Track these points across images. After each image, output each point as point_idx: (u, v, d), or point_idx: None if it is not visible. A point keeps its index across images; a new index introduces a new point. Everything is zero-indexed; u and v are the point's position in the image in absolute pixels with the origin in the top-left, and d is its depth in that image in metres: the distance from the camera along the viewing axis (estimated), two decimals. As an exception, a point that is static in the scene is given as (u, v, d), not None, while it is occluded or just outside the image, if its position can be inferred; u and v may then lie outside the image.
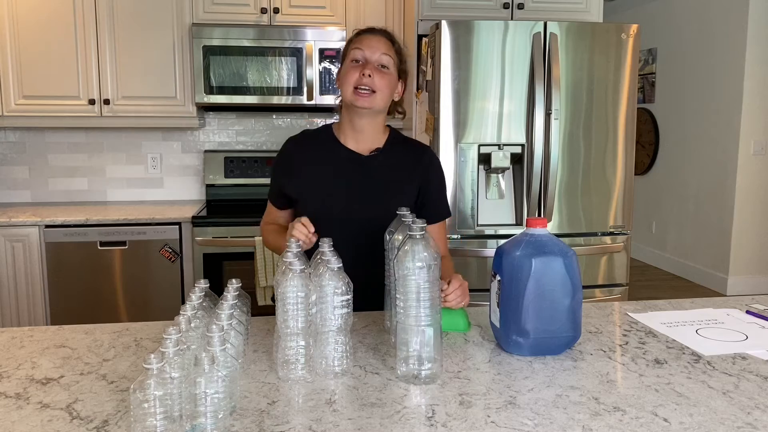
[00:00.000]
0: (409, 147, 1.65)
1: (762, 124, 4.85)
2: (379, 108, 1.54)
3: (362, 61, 1.52)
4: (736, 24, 4.83)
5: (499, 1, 3.05)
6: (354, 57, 1.53)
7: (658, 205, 5.89)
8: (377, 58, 1.52)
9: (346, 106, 1.56)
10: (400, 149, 1.62)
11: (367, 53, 1.52)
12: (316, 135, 1.66)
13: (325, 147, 1.62)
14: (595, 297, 2.92)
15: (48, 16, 3.07)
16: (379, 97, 1.51)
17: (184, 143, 3.57)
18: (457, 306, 1.33)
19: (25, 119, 3.13)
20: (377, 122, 1.59)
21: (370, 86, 1.49)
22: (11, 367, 1.17)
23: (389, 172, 1.59)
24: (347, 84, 1.51)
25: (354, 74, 1.50)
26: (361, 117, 1.55)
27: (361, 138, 1.59)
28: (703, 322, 1.42)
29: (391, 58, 1.54)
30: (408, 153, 1.63)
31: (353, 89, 1.50)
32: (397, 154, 1.61)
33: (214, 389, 0.90)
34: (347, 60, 1.55)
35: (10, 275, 2.90)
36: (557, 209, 2.87)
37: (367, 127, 1.58)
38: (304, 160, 1.61)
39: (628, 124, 2.90)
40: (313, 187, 1.58)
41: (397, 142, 1.64)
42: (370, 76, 1.49)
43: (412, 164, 1.61)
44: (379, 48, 1.52)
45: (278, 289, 1.09)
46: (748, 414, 0.97)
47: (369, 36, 1.55)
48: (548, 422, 0.94)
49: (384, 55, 1.52)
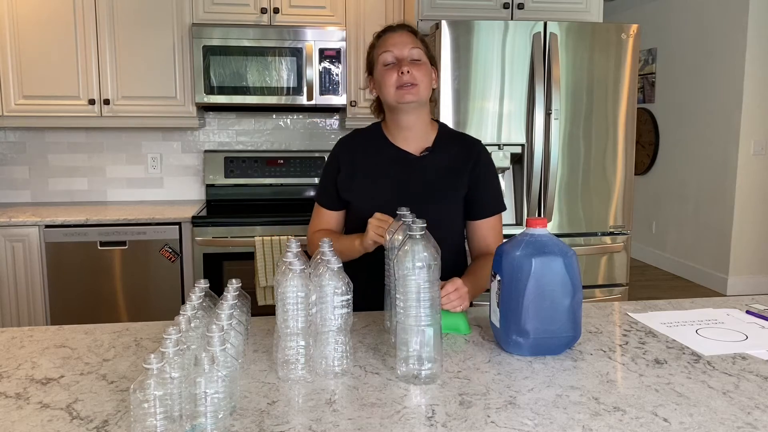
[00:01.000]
0: (458, 142, 1.64)
1: (762, 124, 4.85)
2: (424, 99, 1.54)
3: (395, 61, 1.52)
4: (736, 24, 4.83)
5: (499, 1, 3.05)
6: (385, 60, 1.53)
7: (658, 205, 5.89)
8: (408, 53, 1.52)
9: (390, 108, 1.57)
10: (450, 145, 1.62)
11: (397, 52, 1.52)
12: (367, 134, 1.66)
13: (375, 146, 1.62)
14: (595, 297, 2.92)
15: (48, 16, 3.07)
16: (422, 88, 1.52)
17: (184, 143, 3.57)
18: (454, 309, 1.33)
19: (25, 119, 3.13)
20: (423, 116, 1.59)
21: (411, 81, 1.50)
22: (11, 367, 1.17)
23: (440, 171, 1.58)
24: (388, 86, 1.52)
25: (392, 75, 1.51)
26: (408, 113, 1.55)
27: (410, 136, 1.59)
28: (703, 322, 1.42)
29: (420, 49, 1.54)
30: (457, 149, 1.61)
31: (395, 89, 1.51)
32: (447, 151, 1.60)
33: (214, 389, 0.90)
34: (379, 65, 1.55)
35: (10, 275, 2.90)
36: (557, 209, 2.87)
37: (415, 123, 1.58)
38: (356, 159, 1.62)
39: (628, 124, 2.90)
40: (364, 188, 1.59)
41: (447, 137, 1.63)
42: (408, 72, 1.49)
43: (463, 161, 1.60)
44: (406, 43, 1.53)
45: (278, 289, 1.09)
46: (748, 414, 0.97)
47: (392, 35, 1.56)
48: (548, 422, 0.94)
49: (414, 49, 1.53)
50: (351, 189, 1.60)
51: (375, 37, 1.60)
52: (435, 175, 1.58)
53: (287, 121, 3.64)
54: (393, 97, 1.52)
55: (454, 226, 1.61)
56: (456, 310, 1.34)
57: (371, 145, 1.63)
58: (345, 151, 1.65)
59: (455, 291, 1.33)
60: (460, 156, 1.60)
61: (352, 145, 1.65)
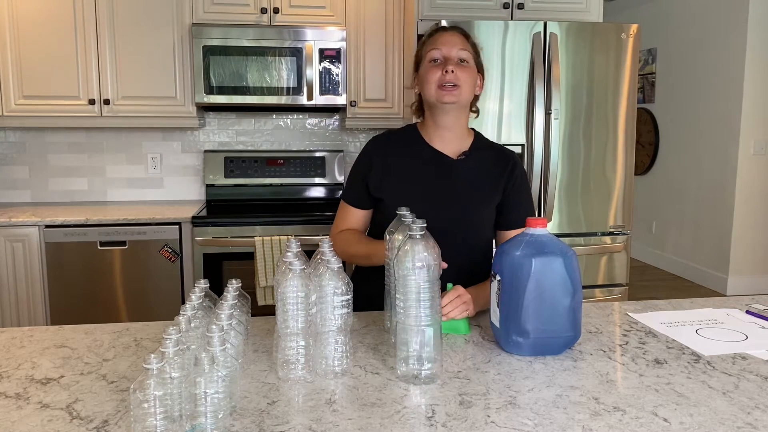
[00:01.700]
0: (495, 152, 1.63)
1: (762, 124, 4.85)
2: (464, 101, 1.54)
3: (441, 60, 1.52)
4: (736, 24, 4.83)
5: (499, 1, 3.05)
6: (432, 57, 1.53)
7: (658, 205, 5.89)
8: (456, 54, 1.52)
9: (429, 106, 1.56)
10: (487, 153, 1.61)
11: (445, 51, 1.52)
12: (401, 134, 1.65)
13: (410, 146, 1.61)
14: (595, 297, 2.92)
15: (48, 16, 3.07)
16: (464, 90, 1.52)
17: (184, 143, 3.57)
18: (460, 316, 1.33)
19: (25, 119, 3.13)
20: (462, 120, 1.59)
21: (453, 81, 1.49)
22: (11, 367, 1.17)
23: (476, 176, 1.58)
24: (430, 83, 1.52)
25: (436, 73, 1.51)
26: (447, 114, 1.55)
27: (447, 137, 1.59)
28: (703, 322, 1.42)
29: (468, 52, 1.54)
30: (494, 158, 1.61)
31: (437, 87, 1.51)
32: (483, 158, 1.60)
33: (214, 389, 0.90)
34: (425, 61, 1.55)
35: (10, 275, 2.90)
36: (557, 209, 2.87)
37: (453, 124, 1.57)
38: (389, 158, 1.60)
39: (628, 124, 2.90)
40: (398, 187, 1.57)
41: (483, 146, 1.63)
42: (453, 72, 1.49)
43: (498, 170, 1.59)
44: (455, 44, 1.53)
45: (278, 289, 1.09)
46: (748, 414, 0.97)
47: (443, 33, 1.55)
48: (548, 422, 0.94)
49: (462, 50, 1.53)
50: (383, 188, 1.58)
51: (426, 35, 1.60)
52: (470, 180, 1.57)
53: (287, 121, 3.64)
54: (434, 95, 1.52)
55: (484, 232, 1.61)
56: (461, 316, 1.33)
57: (406, 145, 1.62)
58: (378, 149, 1.63)
59: (458, 297, 1.33)
60: (496, 164, 1.60)
61: (386, 144, 1.64)
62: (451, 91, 1.50)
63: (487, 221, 1.60)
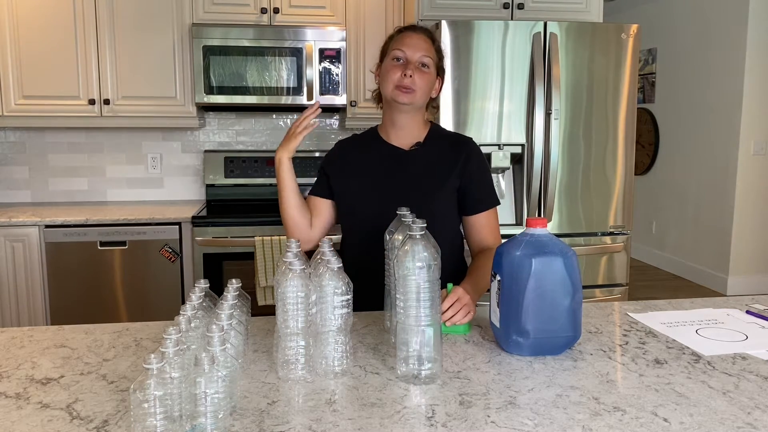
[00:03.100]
0: (449, 140, 1.68)
1: (762, 124, 4.85)
2: (418, 104, 1.59)
3: (403, 61, 1.56)
4: (736, 24, 4.83)
5: (499, 1, 3.05)
6: (395, 56, 1.57)
7: (658, 205, 5.89)
8: (418, 58, 1.56)
9: (387, 102, 1.61)
10: (441, 142, 1.66)
11: (408, 53, 1.56)
12: (363, 136, 1.73)
13: (369, 144, 1.68)
14: (595, 297, 2.92)
15: (48, 17, 3.07)
16: (419, 95, 1.57)
17: (184, 143, 3.57)
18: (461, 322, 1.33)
19: (25, 119, 3.13)
20: (417, 117, 1.64)
21: (410, 85, 1.54)
22: (11, 367, 1.17)
23: (430, 164, 1.62)
24: (388, 82, 1.57)
25: (396, 73, 1.56)
26: (401, 113, 1.60)
27: (402, 134, 1.64)
28: (703, 322, 1.42)
29: (431, 58, 1.58)
30: (448, 145, 1.65)
31: (394, 87, 1.56)
32: (437, 147, 1.64)
33: (214, 389, 0.90)
34: (388, 58, 1.60)
35: (10, 275, 2.90)
36: (557, 209, 2.87)
37: (408, 122, 1.62)
38: (350, 156, 1.69)
39: (628, 124, 2.90)
40: (356, 182, 1.63)
41: (438, 135, 1.68)
42: (411, 76, 1.54)
43: (453, 156, 1.63)
44: (419, 48, 1.56)
45: (278, 289, 1.09)
46: (748, 414, 0.97)
47: (410, 34, 1.59)
48: (548, 422, 0.94)
49: (425, 56, 1.57)
50: (343, 185, 1.65)
51: (395, 31, 1.64)
52: (423, 168, 1.61)
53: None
54: (390, 93, 1.57)
55: (447, 220, 1.63)
56: (464, 321, 1.33)
57: (365, 144, 1.69)
58: (340, 149, 1.72)
59: (458, 301, 1.33)
60: (450, 151, 1.63)
61: (347, 145, 1.73)
62: (406, 93, 1.55)
63: (447, 208, 1.62)
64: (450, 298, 1.33)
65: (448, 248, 1.60)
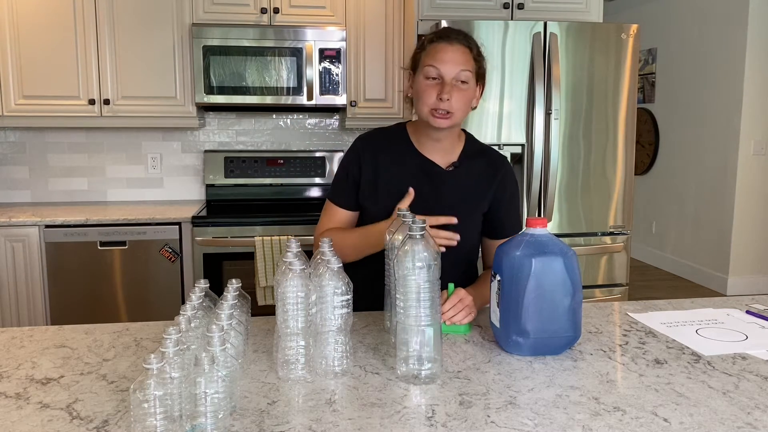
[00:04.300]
0: (486, 158, 1.58)
1: (762, 124, 4.85)
2: (457, 124, 1.48)
3: (439, 79, 1.41)
4: (736, 24, 4.83)
5: (499, 1, 3.05)
6: (429, 74, 1.42)
7: (658, 205, 5.89)
8: (455, 75, 1.41)
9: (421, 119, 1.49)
10: (477, 161, 1.56)
11: (444, 70, 1.40)
12: (391, 136, 1.57)
13: (399, 150, 1.54)
14: (595, 297, 2.92)
15: (48, 17, 3.07)
16: (458, 116, 1.44)
17: (184, 143, 3.57)
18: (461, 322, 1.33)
19: (25, 119, 3.13)
20: (454, 132, 1.53)
21: (447, 109, 1.41)
22: (11, 367, 1.17)
23: (465, 188, 1.54)
24: (424, 104, 1.43)
25: (431, 94, 1.41)
26: (438, 132, 1.48)
27: (439, 147, 1.53)
28: (703, 322, 1.42)
29: (470, 71, 1.42)
30: (483, 166, 1.56)
31: (429, 110, 1.42)
32: (473, 167, 1.55)
33: (214, 389, 0.89)
34: (421, 74, 1.44)
35: (10, 275, 2.90)
36: (557, 209, 2.87)
37: (446, 136, 1.51)
38: (379, 163, 1.53)
39: (628, 124, 2.90)
40: (387, 198, 1.50)
41: (474, 152, 1.57)
42: (448, 99, 1.39)
43: (488, 181, 1.55)
44: (457, 62, 1.41)
45: (278, 289, 1.09)
46: (748, 414, 0.97)
47: (445, 47, 1.42)
48: (548, 422, 0.94)
49: (463, 71, 1.41)
50: (372, 197, 1.53)
51: (427, 40, 1.47)
52: (459, 192, 1.53)
53: (287, 121, 3.64)
54: (425, 117, 1.44)
55: (470, 242, 1.58)
56: (465, 321, 1.33)
57: (395, 150, 1.55)
58: (367, 152, 1.55)
59: (460, 302, 1.33)
60: (485, 174, 1.56)
61: (376, 146, 1.55)
62: (443, 118, 1.42)
63: (474, 231, 1.58)
64: (452, 300, 1.33)
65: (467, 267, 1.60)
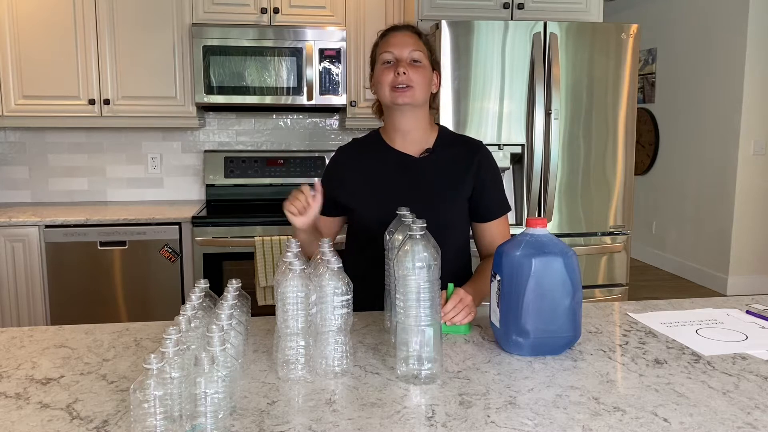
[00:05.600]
0: (460, 144, 1.62)
1: (762, 124, 4.85)
2: (419, 101, 1.52)
3: (393, 61, 1.51)
4: (736, 24, 4.83)
5: (499, 1, 3.05)
6: (385, 59, 1.52)
7: (658, 205, 5.89)
8: (407, 54, 1.50)
9: (387, 107, 1.56)
10: (452, 147, 1.60)
11: (396, 52, 1.50)
12: (365, 140, 1.65)
13: (374, 151, 1.61)
14: (595, 297, 2.93)
15: (48, 16, 3.07)
16: (418, 91, 1.50)
17: (184, 143, 3.57)
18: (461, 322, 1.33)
19: (25, 119, 3.13)
20: (421, 118, 1.57)
21: (406, 83, 1.48)
22: (11, 367, 1.17)
23: (442, 172, 1.56)
24: (383, 85, 1.51)
25: (388, 75, 1.50)
26: (404, 115, 1.54)
27: (409, 138, 1.58)
28: (703, 322, 1.42)
29: (421, 52, 1.52)
30: (459, 150, 1.59)
31: (390, 89, 1.50)
32: (448, 152, 1.58)
33: (214, 389, 0.90)
34: (378, 64, 1.54)
35: (10, 275, 2.90)
36: (557, 209, 2.87)
37: (413, 126, 1.56)
38: (355, 166, 1.61)
39: (628, 124, 2.90)
40: (365, 193, 1.57)
41: (448, 139, 1.62)
42: (405, 73, 1.48)
43: (465, 163, 1.57)
44: (407, 44, 1.51)
45: (278, 289, 1.09)
46: (748, 414, 0.97)
47: (395, 34, 1.54)
48: (548, 422, 0.94)
49: (414, 51, 1.51)
50: (354, 196, 1.58)
51: (379, 36, 1.58)
52: (436, 176, 1.56)
53: (287, 121, 3.64)
54: (388, 97, 1.51)
55: (458, 227, 1.59)
56: (465, 321, 1.33)
57: (371, 150, 1.62)
58: (346, 159, 1.64)
59: (460, 302, 1.33)
60: (462, 157, 1.58)
61: (353, 153, 1.64)
62: (404, 92, 1.48)
63: (459, 216, 1.58)
64: (452, 300, 1.33)
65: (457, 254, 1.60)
